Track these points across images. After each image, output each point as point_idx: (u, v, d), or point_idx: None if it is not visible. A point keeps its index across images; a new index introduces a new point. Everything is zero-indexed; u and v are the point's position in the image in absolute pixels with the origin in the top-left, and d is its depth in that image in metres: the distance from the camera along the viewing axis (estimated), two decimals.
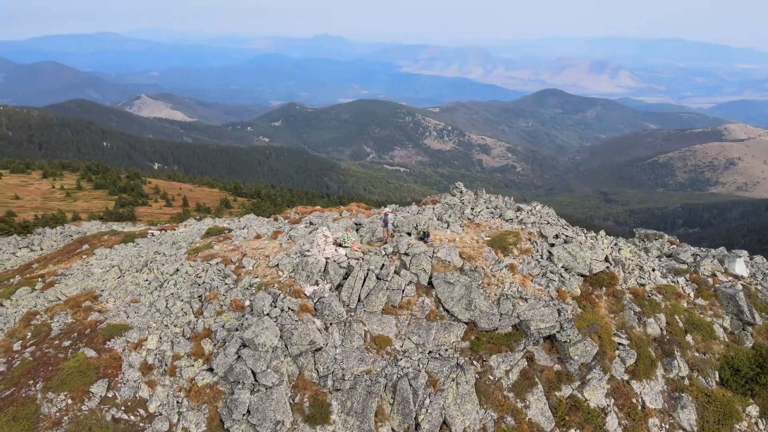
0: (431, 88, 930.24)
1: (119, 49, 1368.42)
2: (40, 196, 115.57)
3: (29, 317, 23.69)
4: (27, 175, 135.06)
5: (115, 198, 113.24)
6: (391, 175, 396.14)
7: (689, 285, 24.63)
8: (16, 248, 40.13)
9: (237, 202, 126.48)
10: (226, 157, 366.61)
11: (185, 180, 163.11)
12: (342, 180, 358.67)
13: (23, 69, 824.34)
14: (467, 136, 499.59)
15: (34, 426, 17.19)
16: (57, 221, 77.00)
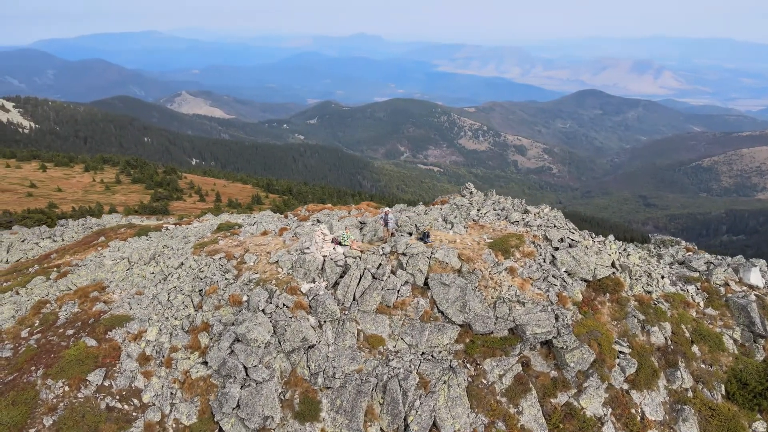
0: (467, 88, 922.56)
1: (162, 47, 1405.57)
2: (82, 189, 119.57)
3: (39, 306, 24.45)
4: (70, 169, 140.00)
5: (151, 192, 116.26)
6: (424, 175, 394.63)
7: (700, 294, 23.73)
8: (39, 238, 41.48)
9: (269, 199, 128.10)
10: (261, 154, 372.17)
11: (220, 176, 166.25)
12: (375, 179, 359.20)
13: (72, 66, 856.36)
14: (503, 136, 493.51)
15: (31, 411, 17.70)
16: (93, 214, 79.47)
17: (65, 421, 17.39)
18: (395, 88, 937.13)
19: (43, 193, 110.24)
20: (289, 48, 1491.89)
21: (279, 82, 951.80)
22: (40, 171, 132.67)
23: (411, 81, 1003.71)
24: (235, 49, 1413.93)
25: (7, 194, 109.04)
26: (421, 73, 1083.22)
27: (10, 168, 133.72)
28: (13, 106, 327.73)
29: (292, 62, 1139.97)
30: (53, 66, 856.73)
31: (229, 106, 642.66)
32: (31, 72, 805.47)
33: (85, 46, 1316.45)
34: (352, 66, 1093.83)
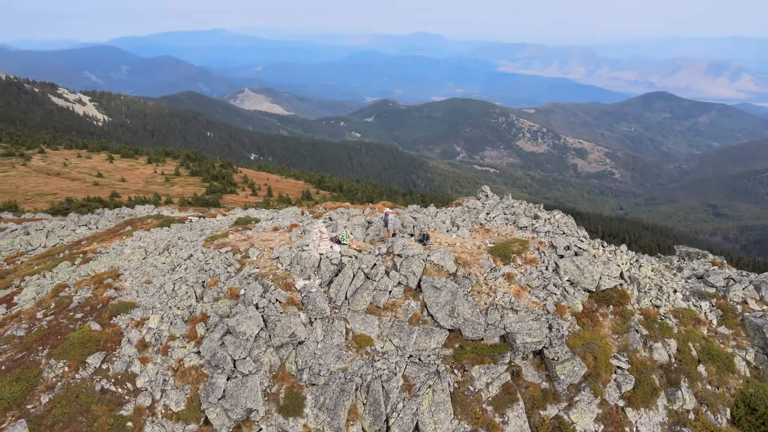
0: (528, 88, 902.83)
1: (229, 45, 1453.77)
2: (143, 180, 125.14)
3: (58, 289, 25.66)
4: (135, 160, 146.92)
5: (207, 185, 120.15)
6: (480, 176, 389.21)
7: (714, 311, 22.24)
8: (76, 225, 43.52)
9: (319, 195, 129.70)
10: (317, 151, 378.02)
11: (274, 171, 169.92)
12: (429, 178, 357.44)
13: (144, 62, 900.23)
14: (563, 138, 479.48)
15: (31, 388, 18.62)
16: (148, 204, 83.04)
17: (60, 399, 18.21)
18: (454, 87, 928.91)
19: (108, 183, 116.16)
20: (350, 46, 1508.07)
21: (338, 80, 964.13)
22: (108, 162, 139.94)
23: (470, 81, 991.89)
24: (298, 47, 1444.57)
25: (76, 183, 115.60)
26: (481, 73, 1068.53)
27: (81, 158, 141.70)
28: (89, 99, 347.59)
29: (353, 60, 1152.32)
30: (127, 62, 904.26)
31: (289, 103, 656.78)
32: (108, 68, 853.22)
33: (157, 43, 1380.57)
34: (412, 65, 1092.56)
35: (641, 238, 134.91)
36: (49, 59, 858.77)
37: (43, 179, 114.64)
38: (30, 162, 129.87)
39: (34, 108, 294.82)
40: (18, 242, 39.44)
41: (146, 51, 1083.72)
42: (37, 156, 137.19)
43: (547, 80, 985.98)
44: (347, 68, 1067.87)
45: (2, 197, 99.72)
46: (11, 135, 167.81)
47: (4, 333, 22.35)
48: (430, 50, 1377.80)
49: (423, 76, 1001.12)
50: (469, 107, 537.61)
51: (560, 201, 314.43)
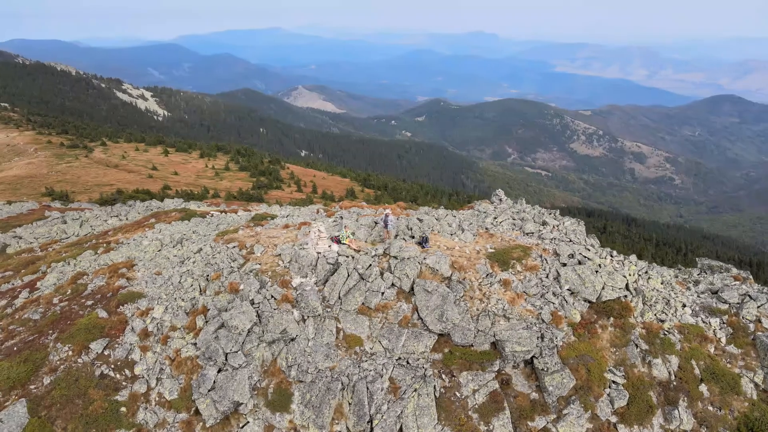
0: (585, 90, 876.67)
1: (285, 43, 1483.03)
2: (195, 174, 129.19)
3: (77, 276, 26.83)
4: (188, 154, 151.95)
5: (254, 180, 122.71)
6: (531, 178, 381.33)
7: (724, 328, 20.99)
8: (108, 216, 45.23)
9: (363, 193, 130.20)
10: (367, 149, 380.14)
11: (321, 168, 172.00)
12: (479, 179, 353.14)
13: (204, 60, 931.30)
14: (620, 142, 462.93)
15: (36, 370, 19.58)
16: (193, 197, 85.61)
17: (60, 382, 19.06)
18: (508, 88, 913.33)
19: (161, 176, 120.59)
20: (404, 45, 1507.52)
21: (391, 78, 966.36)
22: (163, 155, 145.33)
23: (525, 81, 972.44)
24: (352, 46, 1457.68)
25: (132, 174, 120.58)
26: (536, 73, 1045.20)
27: (139, 151, 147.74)
28: (151, 95, 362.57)
29: (406, 59, 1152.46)
30: (189, 60, 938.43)
31: (341, 101, 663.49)
32: (171, 65, 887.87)
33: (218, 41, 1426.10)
34: (466, 64, 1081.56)
35: (699, 248, 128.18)
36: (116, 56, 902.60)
37: (102, 170, 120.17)
38: (92, 154, 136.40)
39: (100, 102, 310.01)
40: (55, 230, 41.54)
41: (207, 49, 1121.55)
42: (99, 148, 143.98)
43: (606, 81, 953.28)
44: (400, 67, 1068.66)
45: (65, 186, 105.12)
46: (77, 128, 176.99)
47: (21, 316, 23.65)
48: (485, 50, 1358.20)
49: (477, 75, 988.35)
50: (523, 108, 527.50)
51: (615, 206, 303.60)
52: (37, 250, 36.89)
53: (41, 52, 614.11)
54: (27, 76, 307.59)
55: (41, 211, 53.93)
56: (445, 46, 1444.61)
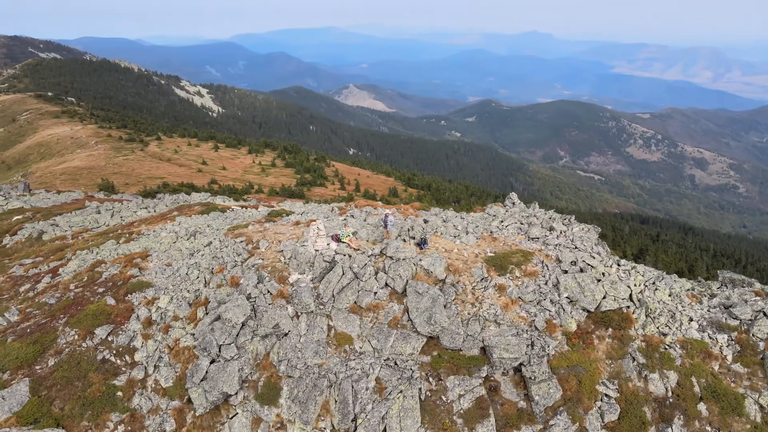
0: (644, 92, 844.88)
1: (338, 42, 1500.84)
2: (242, 169, 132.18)
3: (95, 264, 27.85)
4: (237, 150, 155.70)
5: (298, 177, 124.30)
6: (583, 182, 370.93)
7: (731, 346, 19.73)
8: (138, 208, 46.62)
9: (406, 193, 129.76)
10: (415, 148, 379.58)
11: (366, 167, 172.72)
12: (528, 182, 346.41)
13: (259, 58, 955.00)
14: (680, 147, 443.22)
15: (43, 351, 20.52)
16: (236, 192, 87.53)
17: (63, 364, 19.93)
18: (561, 89, 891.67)
19: (210, 170, 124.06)
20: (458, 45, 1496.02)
21: (443, 78, 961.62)
22: (213, 150, 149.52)
23: (580, 82, 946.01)
24: (405, 45, 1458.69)
25: (183, 168, 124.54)
26: (592, 74, 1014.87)
27: (191, 146, 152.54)
28: (206, 92, 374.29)
29: (459, 59, 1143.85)
30: (244, 58, 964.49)
31: (391, 100, 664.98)
32: (227, 63, 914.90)
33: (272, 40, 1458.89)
34: (519, 65, 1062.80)
35: (760, 261, 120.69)
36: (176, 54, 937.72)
37: (155, 164, 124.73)
38: (147, 148, 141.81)
39: (159, 98, 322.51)
40: (89, 220, 43.30)
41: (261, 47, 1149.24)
42: (154, 143, 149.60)
43: (667, 83, 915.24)
44: (452, 67, 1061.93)
45: (119, 178, 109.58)
46: (136, 122, 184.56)
47: (39, 300, 24.90)
48: (540, 50, 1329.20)
49: (530, 76, 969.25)
50: (577, 110, 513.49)
51: (672, 214, 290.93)
52: (69, 238, 38.54)
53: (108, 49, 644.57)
54: (93, 72, 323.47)
55: (83, 201, 56.31)
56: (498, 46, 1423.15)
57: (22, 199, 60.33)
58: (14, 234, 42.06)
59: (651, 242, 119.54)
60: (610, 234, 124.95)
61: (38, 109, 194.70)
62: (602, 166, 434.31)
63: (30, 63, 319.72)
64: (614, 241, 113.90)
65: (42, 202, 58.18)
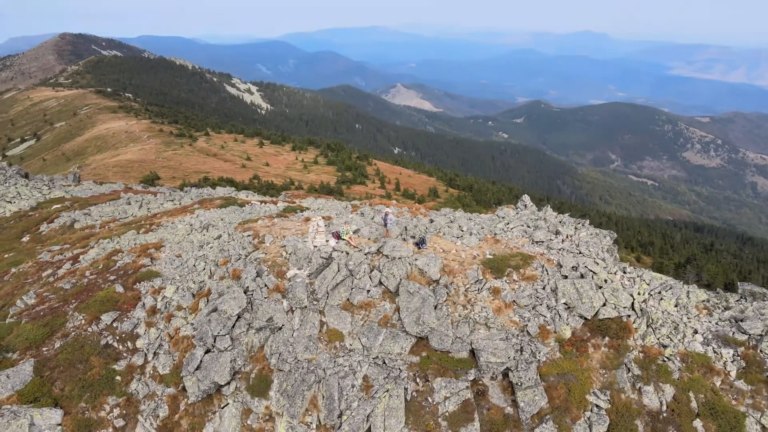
0: (704, 95, 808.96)
1: (386, 41, 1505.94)
2: (285, 166, 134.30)
3: (113, 253, 28.77)
4: (281, 147, 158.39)
5: (339, 175, 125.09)
6: (635, 187, 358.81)
7: (736, 361, 18.60)
8: (165, 200, 47.67)
9: (447, 193, 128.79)
10: (460, 149, 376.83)
11: (409, 166, 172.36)
12: (576, 185, 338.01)
13: (309, 57, 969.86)
14: (741, 153, 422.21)
15: (51, 333, 21.44)
16: (273, 188, 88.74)
17: (68, 347, 20.76)
18: (615, 90, 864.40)
19: (253, 166, 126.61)
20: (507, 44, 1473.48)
21: (491, 78, 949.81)
22: (258, 147, 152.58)
23: (635, 84, 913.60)
24: (453, 45, 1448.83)
25: (227, 164, 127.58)
26: (648, 75, 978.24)
27: (237, 142, 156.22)
28: (256, 89, 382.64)
29: (507, 59, 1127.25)
30: (294, 56, 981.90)
31: (438, 100, 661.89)
32: (277, 61, 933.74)
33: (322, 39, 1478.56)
34: (571, 65, 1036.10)
35: None
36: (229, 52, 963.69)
37: (202, 159, 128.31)
38: (196, 143, 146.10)
39: (211, 95, 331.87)
40: (118, 210, 44.94)
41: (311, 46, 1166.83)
42: (202, 138, 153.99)
43: (728, 86, 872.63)
44: (501, 67, 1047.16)
45: (167, 172, 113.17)
46: (187, 118, 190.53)
47: (57, 285, 25.89)
48: (593, 50, 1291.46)
49: (582, 77, 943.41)
50: (631, 112, 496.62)
51: (730, 223, 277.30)
52: (96, 227, 40.14)
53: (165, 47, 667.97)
54: (150, 69, 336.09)
55: (119, 193, 58.43)
56: (549, 46, 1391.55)
57: (64, 189, 63.17)
58: (51, 222, 44.28)
59: (703, 251, 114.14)
60: (658, 241, 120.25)
61: (97, 104, 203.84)
62: (656, 171, 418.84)
63: (92, 60, 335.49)
64: (662, 249, 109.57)
65: (83, 193, 60.79)
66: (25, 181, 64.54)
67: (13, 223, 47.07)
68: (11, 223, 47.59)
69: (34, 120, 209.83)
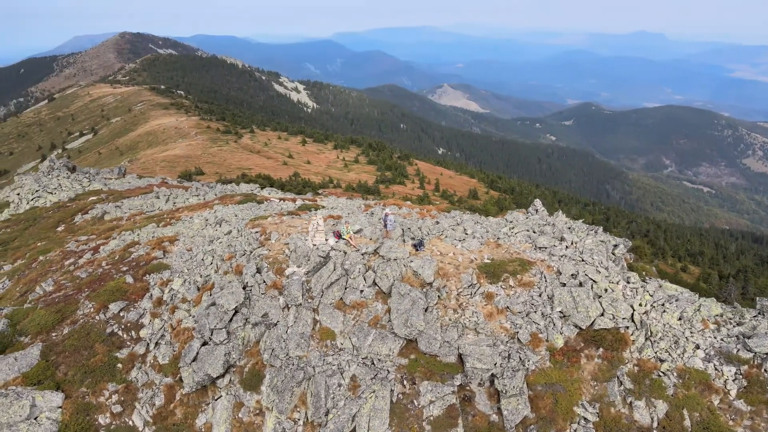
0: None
1: (434, 41, 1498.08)
2: (325, 164, 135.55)
3: (130, 245, 29.65)
4: (323, 145, 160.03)
5: (379, 174, 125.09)
6: (689, 194, 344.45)
7: (738, 380, 17.61)
8: (191, 195, 48.60)
9: (487, 195, 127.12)
10: (506, 151, 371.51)
11: (450, 167, 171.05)
12: (626, 191, 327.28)
13: (357, 56, 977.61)
14: None
15: (62, 319, 22.33)
16: (309, 186, 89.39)
17: (75, 333, 21.61)
18: (671, 93, 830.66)
19: (295, 163, 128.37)
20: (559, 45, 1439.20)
21: (541, 79, 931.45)
22: (301, 144, 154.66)
23: (694, 87, 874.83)
24: (503, 45, 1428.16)
25: (270, 161, 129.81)
26: (708, 78, 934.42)
27: (280, 140, 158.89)
28: (303, 88, 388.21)
29: (559, 60, 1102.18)
30: (342, 55, 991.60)
31: (485, 101, 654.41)
32: (325, 60, 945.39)
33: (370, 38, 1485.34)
34: (625, 67, 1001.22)
35: None
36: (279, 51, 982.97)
37: (245, 155, 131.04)
38: (241, 140, 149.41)
39: (259, 93, 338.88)
40: (147, 204, 46.33)
41: (359, 45, 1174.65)
42: (247, 135, 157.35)
43: None
44: (552, 68, 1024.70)
45: (211, 168, 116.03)
46: (234, 115, 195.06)
47: (75, 273, 26.93)
48: (649, 51, 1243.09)
49: (636, 79, 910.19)
50: (687, 116, 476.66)
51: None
52: (123, 219, 41.47)
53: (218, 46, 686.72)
54: (202, 67, 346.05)
55: (152, 187, 60.12)
56: (603, 47, 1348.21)
57: (104, 181, 65.65)
58: (85, 213, 46.04)
59: (758, 263, 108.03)
60: (709, 251, 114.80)
61: (150, 101, 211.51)
62: (713, 178, 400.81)
63: (148, 58, 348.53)
64: (712, 259, 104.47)
65: (121, 186, 62.94)
66: (67, 173, 67.40)
67: (51, 214, 49.39)
68: (50, 213, 49.95)
69: (93, 115, 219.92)
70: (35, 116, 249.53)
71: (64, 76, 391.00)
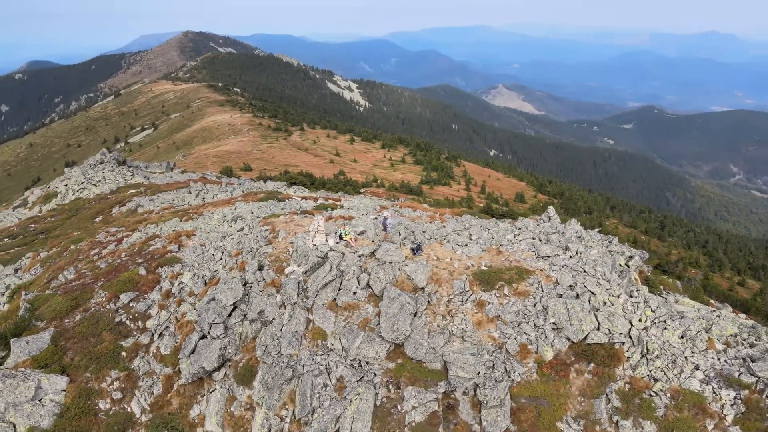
0: None
1: (491, 41, 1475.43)
2: (372, 163, 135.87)
3: (151, 238, 30.67)
4: (371, 144, 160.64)
5: (424, 174, 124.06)
6: (758, 204, 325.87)
7: (736, 405, 16.62)
8: (220, 191, 49.44)
9: (535, 199, 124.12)
10: (560, 154, 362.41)
11: (499, 169, 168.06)
12: (688, 198, 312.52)
13: (411, 56, 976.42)
14: None
15: (75, 306, 23.26)
16: (352, 185, 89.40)
17: (85, 321, 22.55)
18: (743, 97, 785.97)
19: (341, 162, 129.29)
20: (621, 45, 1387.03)
21: (600, 81, 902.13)
22: (349, 143, 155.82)
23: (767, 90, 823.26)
24: (561, 46, 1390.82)
25: (317, 159, 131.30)
26: None
27: (329, 138, 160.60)
28: (356, 87, 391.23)
29: (620, 61, 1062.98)
30: (396, 55, 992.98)
31: (541, 102, 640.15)
32: (379, 59, 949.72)
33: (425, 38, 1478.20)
34: (691, 68, 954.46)
35: None
36: (334, 50, 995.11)
37: (293, 153, 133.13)
38: (290, 137, 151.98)
39: (313, 91, 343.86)
40: (178, 198, 47.79)
41: (414, 45, 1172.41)
42: (297, 132, 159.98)
43: None
44: (613, 69, 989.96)
45: (260, 164, 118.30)
46: (286, 113, 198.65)
47: (97, 263, 28.15)
48: (718, 52, 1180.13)
49: (703, 82, 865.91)
50: (760, 121, 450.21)
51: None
52: (153, 213, 42.79)
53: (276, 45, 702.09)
54: (259, 66, 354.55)
55: (189, 182, 61.61)
56: (668, 48, 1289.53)
57: (147, 175, 68.08)
58: (123, 205, 48.02)
59: None
60: None
61: (207, 98, 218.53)
62: None
63: (209, 56, 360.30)
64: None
65: (162, 180, 65.05)
66: (112, 166, 70.27)
67: (93, 205, 51.85)
68: (91, 204, 52.52)
69: (154, 111, 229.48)
70: (102, 111, 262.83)
71: (131, 72, 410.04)
